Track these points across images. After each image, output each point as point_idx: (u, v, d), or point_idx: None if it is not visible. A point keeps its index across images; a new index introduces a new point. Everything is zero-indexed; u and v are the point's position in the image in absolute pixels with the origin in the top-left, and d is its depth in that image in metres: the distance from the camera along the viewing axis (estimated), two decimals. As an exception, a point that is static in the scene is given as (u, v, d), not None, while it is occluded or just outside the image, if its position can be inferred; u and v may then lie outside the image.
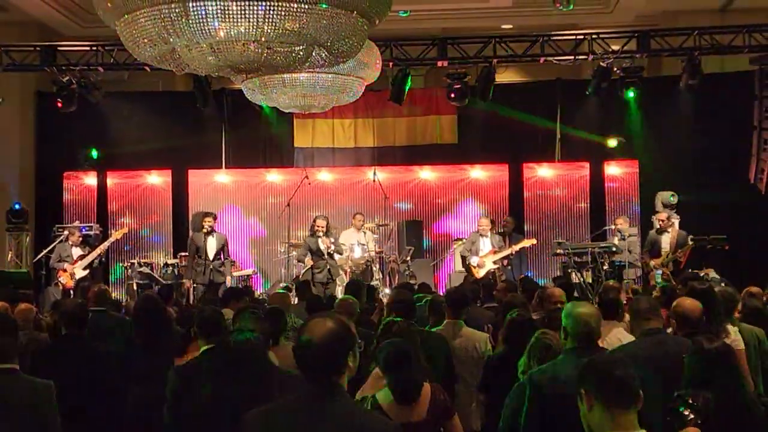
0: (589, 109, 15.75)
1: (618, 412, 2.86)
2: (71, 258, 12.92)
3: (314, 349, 2.86)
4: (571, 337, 4.36)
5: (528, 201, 16.34)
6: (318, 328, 2.89)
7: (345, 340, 2.92)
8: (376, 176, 15.20)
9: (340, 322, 2.97)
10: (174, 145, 16.05)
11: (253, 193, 16.59)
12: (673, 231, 12.82)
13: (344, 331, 2.94)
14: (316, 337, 2.87)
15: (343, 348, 2.90)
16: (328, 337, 2.87)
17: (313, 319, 2.99)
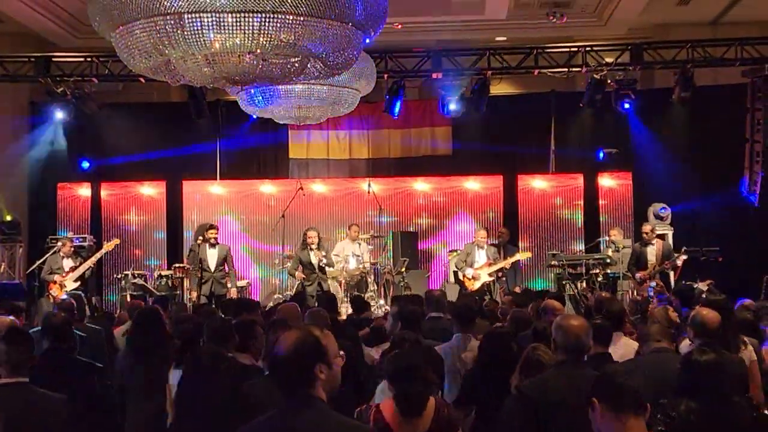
0: (582, 121, 15.82)
1: (630, 419, 3.03)
2: (62, 270, 12.86)
3: (281, 361, 2.89)
4: (561, 350, 4.38)
5: (522, 212, 16.35)
6: (285, 341, 2.92)
7: (311, 352, 2.91)
8: (371, 188, 15.22)
9: (307, 334, 2.97)
10: (168, 156, 16.03)
11: (247, 204, 16.57)
12: (659, 243, 12.82)
13: (310, 342, 2.93)
14: (282, 350, 2.90)
15: (309, 359, 2.90)
16: (293, 349, 2.89)
17: (285, 333, 3.02)
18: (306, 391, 2.88)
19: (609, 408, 3.07)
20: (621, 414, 3.04)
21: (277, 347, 2.91)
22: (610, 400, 3.08)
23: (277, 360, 2.90)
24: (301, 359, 2.89)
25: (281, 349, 2.89)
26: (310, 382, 2.89)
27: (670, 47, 14.05)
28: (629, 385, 3.10)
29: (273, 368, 2.93)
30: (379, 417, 4.37)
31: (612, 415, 3.06)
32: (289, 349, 2.88)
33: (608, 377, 3.21)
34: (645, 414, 3.07)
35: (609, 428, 3.07)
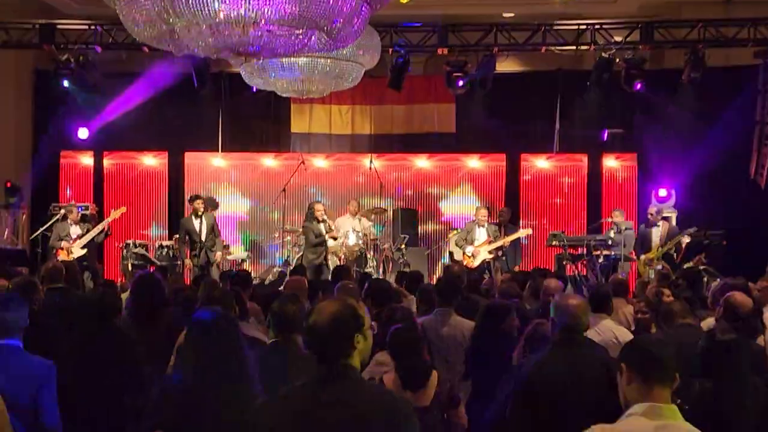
0: (589, 101, 15.68)
1: (656, 386, 3.06)
2: (70, 237, 12.85)
3: (319, 332, 2.89)
4: (559, 329, 4.40)
5: (525, 192, 16.31)
6: (323, 312, 2.92)
7: (350, 322, 2.93)
8: (373, 163, 15.17)
9: (345, 305, 2.99)
10: (171, 128, 15.98)
11: (249, 177, 16.54)
12: (664, 225, 12.80)
13: (349, 313, 2.95)
14: (321, 320, 2.90)
15: (348, 330, 2.91)
16: (332, 319, 2.90)
17: (321, 303, 3.02)
18: (344, 360, 2.90)
19: (637, 375, 3.10)
20: (649, 382, 3.07)
21: (315, 317, 2.92)
22: (639, 367, 3.12)
23: (316, 330, 2.90)
24: (342, 329, 2.91)
25: (321, 319, 2.90)
26: (348, 351, 2.91)
27: (681, 26, 13.91)
28: (660, 354, 3.13)
29: (312, 338, 2.92)
30: None
31: (639, 382, 3.09)
32: (330, 319, 2.90)
33: (640, 344, 3.24)
34: (672, 384, 3.10)
35: (634, 395, 3.09)
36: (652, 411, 3.01)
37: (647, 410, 3.01)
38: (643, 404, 3.04)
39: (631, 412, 3.05)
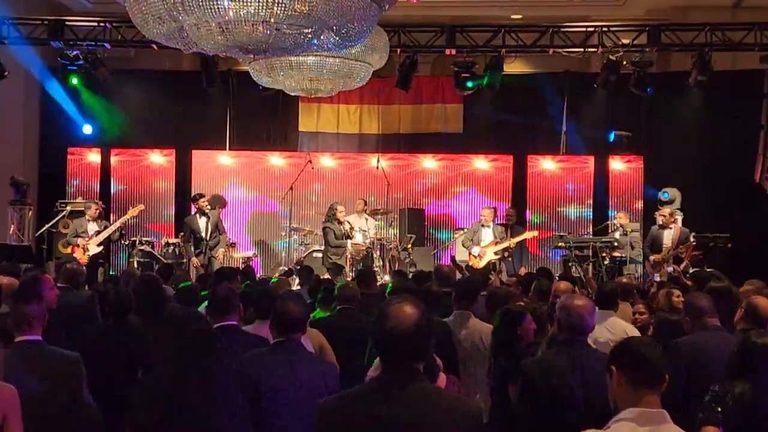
0: (595, 103, 15.70)
1: (646, 389, 3.03)
2: (87, 233, 12.86)
3: (401, 336, 2.81)
4: (565, 329, 4.39)
5: (531, 193, 16.31)
6: (403, 316, 2.83)
7: (429, 326, 2.90)
8: (380, 163, 15.19)
9: (421, 308, 2.92)
10: (178, 125, 16.03)
11: (256, 176, 16.56)
12: (675, 228, 12.80)
13: (427, 316, 2.91)
14: (402, 325, 2.82)
15: (428, 333, 2.90)
16: (415, 324, 2.83)
17: (393, 305, 2.90)
18: (416, 364, 2.86)
19: (626, 377, 3.08)
20: (638, 385, 3.05)
21: (392, 322, 2.82)
22: (628, 369, 3.09)
23: (398, 334, 2.80)
24: (423, 333, 2.86)
25: (404, 323, 2.81)
26: (425, 355, 2.89)
27: (688, 30, 13.88)
28: (648, 356, 3.09)
29: (392, 341, 2.82)
30: None
31: (629, 385, 3.07)
32: (412, 323, 2.82)
33: (629, 346, 3.21)
34: (662, 387, 3.07)
35: (624, 397, 3.07)
36: (642, 416, 2.98)
37: (637, 416, 2.99)
38: (633, 410, 3.01)
39: (620, 417, 3.02)
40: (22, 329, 4.28)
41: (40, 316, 4.39)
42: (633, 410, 3.00)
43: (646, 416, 2.97)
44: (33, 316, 4.32)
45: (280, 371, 4.28)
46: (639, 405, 3.01)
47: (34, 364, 4.21)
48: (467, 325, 6.16)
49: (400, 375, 2.82)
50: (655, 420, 2.97)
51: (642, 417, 2.97)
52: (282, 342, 4.45)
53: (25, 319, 4.29)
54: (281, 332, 4.46)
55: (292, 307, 4.48)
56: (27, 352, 4.25)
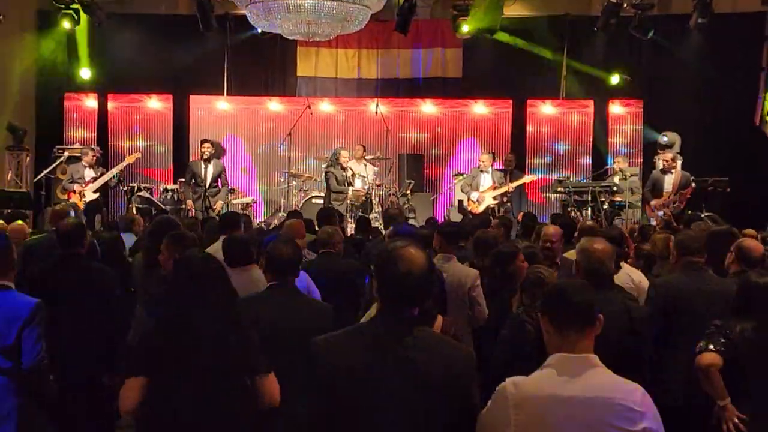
0: (596, 46, 15.56)
1: (571, 334, 2.86)
2: (83, 179, 12.86)
3: (414, 279, 2.79)
4: (584, 272, 4.32)
5: (530, 138, 16.26)
6: (415, 259, 2.81)
7: (434, 270, 2.92)
8: (379, 108, 15.11)
9: (425, 252, 2.91)
10: (175, 70, 15.88)
11: (254, 122, 16.49)
12: (677, 172, 12.78)
13: (431, 261, 2.91)
14: (416, 268, 2.80)
15: (432, 277, 2.91)
16: (425, 267, 2.83)
17: (402, 248, 2.85)
18: (416, 308, 2.87)
19: (551, 322, 2.91)
20: (562, 329, 2.87)
21: (406, 265, 2.78)
22: (552, 313, 2.91)
23: (411, 277, 2.78)
24: (430, 276, 2.87)
25: (416, 267, 2.79)
26: (425, 300, 2.90)
27: (689, -29, 13.74)
28: (573, 298, 2.90)
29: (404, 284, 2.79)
30: None
31: (554, 330, 2.90)
32: (424, 266, 2.81)
33: (553, 290, 3.04)
34: (592, 329, 2.89)
35: (552, 343, 2.90)
36: (564, 362, 2.83)
37: (559, 361, 2.85)
38: (556, 355, 2.87)
39: (545, 363, 2.88)
40: None
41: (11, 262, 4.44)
42: (555, 356, 2.87)
43: (567, 361, 2.83)
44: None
45: (277, 313, 4.33)
46: (564, 350, 2.85)
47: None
48: (449, 269, 6.18)
49: (405, 318, 2.83)
50: (577, 365, 2.83)
51: (563, 363, 2.83)
52: (277, 285, 4.51)
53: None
54: (276, 275, 4.52)
55: (285, 250, 4.53)
56: None
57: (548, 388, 2.79)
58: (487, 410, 2.85)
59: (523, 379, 2.84)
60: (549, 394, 2.78)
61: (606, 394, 2.76)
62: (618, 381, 2.84)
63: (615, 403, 2.74)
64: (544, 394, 2.78)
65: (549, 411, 2.76)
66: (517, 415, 2.76)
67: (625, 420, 2.72)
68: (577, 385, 2.79)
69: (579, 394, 2.77)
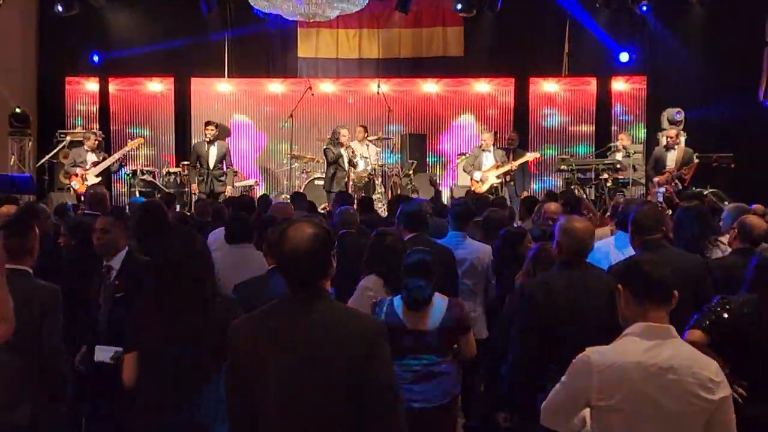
0: (598, 23, 15.47)
1: (652, 306, 3.05)
2: (86, 163, 12.85)
3: (301, 254, 2.83)
4: (565, 251, 4.40)
5: (533, 116, 16.21)
6: (301, 234, 2.86)
7: (327, 245, 2.90)
8: (380, 88, 15.06)
9: (321, 226, 2.95)
10: (177, 53, 15.83)
11: (255, 103, 16.46)
12: (680, 148, 12.74)
13: (325, 234, 2.91)
14: (301, 243, 2.84)
15: (327, 251, 2.91)
16: (313, 241, 2.85)
17: (292, 227, 2.92)
18: (320, 283, 2.89)
19: (633, 295, 3.09)
20: (644, 302, 3.06)
21: (293, 240, 2.84)
22: (634, 287, 3.10)
23: (297, 252, 2.83)
24: (321, 251, 2.87)
25: (301, 242, 2.83)
26: (325, 273, 2.90)
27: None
28: (656, 274, 3.08)
29: (291, 259, 2.84)
30: (391, 310, 4.47)
31: (636, 303, 3.08)
32: (311, 240, 2.84)
33: (637, 265, 3.20)
34: (669, 304, 3.08)
35: (631, 316, 3.10)
36: (648, 331, 3.02)
37: (642, 330, 3.03)
38: (639, 324, 3.05)
39: (626, 333, 3.07)
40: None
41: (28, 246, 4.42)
42: (639, 325, 3.04)
43: (651, 330, 3.01)
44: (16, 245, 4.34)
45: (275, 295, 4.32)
46: (644, 320, 3.04)
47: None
48: (464, 245, 6.20)
49: (308, 292, 2.86)
50: (660, 335, 3.01)
51: (647, 331, 3.01)
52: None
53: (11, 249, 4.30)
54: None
55: None
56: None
57: (634, 355, 2.98)
58: (568, 379, 3.08)
59: (606, 348, 3.06)
60: (635, 361, 2.97)
61: (689, 364, 2.96)
62: (696, 352, 3.05)
63: (697, 373, 2.95)
64: (631, 360, 2.97)
65: (635, 377, 2.95)
66: (601, 381, 2.97)
67: (705, 390, 2.93)
68: (662, 353, 2.98)
69: (664, 362, 2.96)
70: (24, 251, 4.38)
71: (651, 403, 2.95)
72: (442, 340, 4.50)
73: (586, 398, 3.02)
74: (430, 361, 4.45)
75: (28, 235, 4.45)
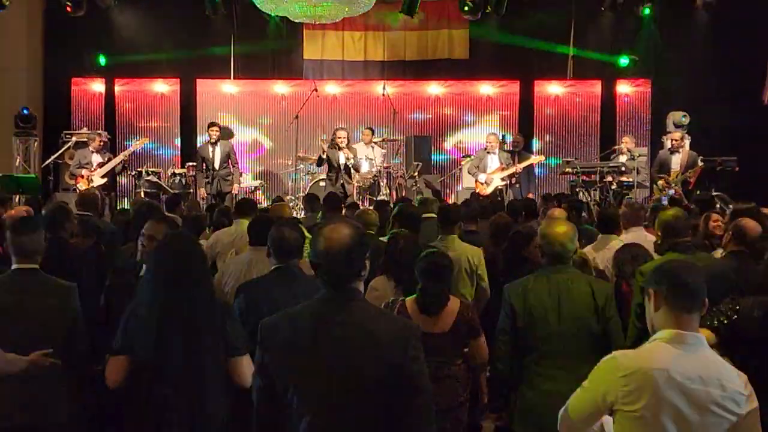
0: (603, 27, 15.51)
1: (683, 313, 2.96)
2: (91, 165, 12.89)
3: (335, 256, 2.85)
4: (546, 256, 4.47)
5: (538, 119, 16.23)
6: (338, 235, 2.88)
7: (363, 245, 2.93)
8: (386, 90, 15.08)
9: (356, 227, 2.97)
10: (183, 54, 15.87)
11: (261, 105, 16.49)
12: (684, 152, 12.75)
13: (361, 235, 2.95)
14: (336, 245, 2.86)
15: (362, 253, 2.92)
16: (348, 243, 2.87)
17: (328, 227, 2.94)
18: (353, 283, 2.91)
19: (664, 300, 2.99)
20: (676, 308, 2.96)
21: (329, 241, 2.86)
22: (667, 292, 2.99)
23: (332, 252, 2.85)
24: (357, 252, 2.89)
25: (338, 242, 2.86)
26: (360, 274, 2.93)
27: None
28: (686, 278, 2.99)
29: (327, 260, 2.86)
30: (402, 311, 4.50)
31: (667, 308, 2.98)
32: (347, 241, 2.86)
33: (670, 269, 3.08)
34: (701, 311, 2.99)
35: (661, 321, 3.00)
36: (677, 338, 2.92)
37: (673, 337, 2.93)
38: (669, 330, 2.95)
39: (656, 338, 2.98)
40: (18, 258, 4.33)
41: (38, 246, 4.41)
42: (669, 331, 2.95)
43: (682, 338, 2.92)
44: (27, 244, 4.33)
45: (280, 296, 4.34)
46: (675, 327, 2.95)
47: (26, 291, 4.25)
48: (454, 248, 6.19)
49: (341, 292, 2.88)
50: (689, 342, 2.92)
51: (678, 338, 2.92)
52: (280, 268, 4.54)
53: (21, 249, 4.32)
54: (279, 258, 4.54)
55: (289, 234, 4.56)
56: (21, 279, 4.28)
57: (662, 362, 2.89)
58: (593, 381, 2.98)
59: (634, 352, 2.98)
60: (663, 368, 2.88)
61: (719, 375, 2.87)
62: (725, 364, 2.95)
63: (726, 385, 2.86)
64: (660, 366, 2.88)
65: (662, 384, 2.86)
66: (626, 385, 2.88)
67: (733, 403, 2.85)
68: (691, 362, 2.89)
69: (692, 372, 2.86)
70: (38, 251, 4.37)
71: (675, 413, 2.86)
72: (452, 343, 4.55)
73: (610, 401, 2.93)
74: (440, 364, 4.47)
75: (39, 233, 4.44)
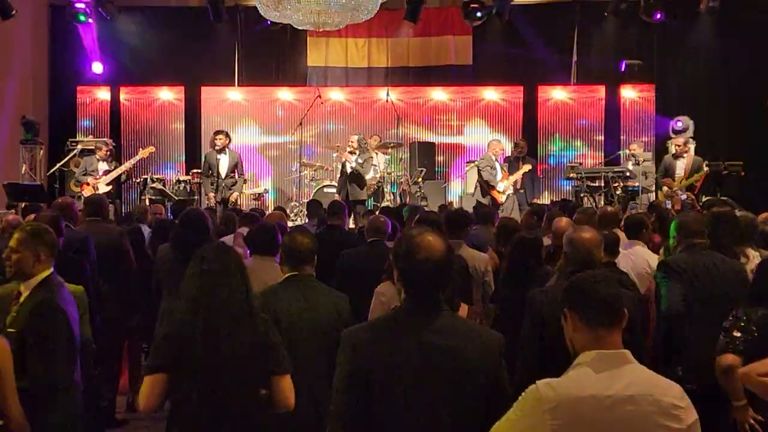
0: (606, 31, 15.51)
1: (601, 330, 2.76)
2: (97, 172, 12.92)
3: (433, 265, 2.85)
4: (571, 263, 4.34)
5: (542, 124, 16.23)
6: (435, 247, 2.87)
7: (453, 256, 2.96)
8: (389, 96, 15.10)
9: (446, 241, 2.97)
10: (187, 62, 15.91)
11: (265, 111, 16.52)
12: (689, 156, 12.74)
13: (451, 247, 2.97)
14: (436, 255, 2.86)
15: (452, 265, 2.95)
16: (445, 253, 2.88)
17: (420, 235, 2.91)
18: (441, 294, 2.92)
19: (580, 319, 2.80)
20: (593, 325, 2.76)
21: (426, 252, 2.85)
22: (579, 308, 2.81)
23: (430, 263, 2.84)
24: (450, 263, 2.92)
25: (436, 254, 2.85)
26: (447, 285, 2.94)
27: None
28: (601, 292, 2.80)
29: (424, 271, 2.84)
30: None
31: (584, 327, 2.79)
32: (444, 253, 2.87)
33: (578, 284, 2.90)
34: (620, 323, 2.79)
35: (581, 341, 2.80)
36: (600, 359, 2.71)
37: (593, 359, 2.71)
38: (590, 353, 2.74)
39: (577, 362, 2.76)
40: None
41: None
42: (589, 354, 2.74)
43: (603, 359, 2.71)
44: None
45: (295, 303, 4.34)
46: (596, 346, 2.74)
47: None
48: (460, 254, 6.18)
49: (429, 304, 2.88)
50: (614, 362, 2.72)
51: (599, 360, 2.71)
52: (295, 275, 4.49)
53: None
54: (293, 266, 4.50)
55: (302, 240, 4.51)
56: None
57: (588, 388, 2.66)
58: (517, 415, 2.69)
59: (557, 381, 2.71)
60: (590, 395, 2.64)
61: (649, 391, 2.66)
62: (655, 376, 2.76)
63: (659, 401, 2.65)
64: (585, 395, 2.64)
65: (592, 412, 2.63)
66: (554, 419, 2.62)
67: (672, 418, 2.65)
68: (618, 383, 2.67)
69: (621, 392, 2.65)
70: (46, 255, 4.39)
71: None
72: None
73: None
74: None
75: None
